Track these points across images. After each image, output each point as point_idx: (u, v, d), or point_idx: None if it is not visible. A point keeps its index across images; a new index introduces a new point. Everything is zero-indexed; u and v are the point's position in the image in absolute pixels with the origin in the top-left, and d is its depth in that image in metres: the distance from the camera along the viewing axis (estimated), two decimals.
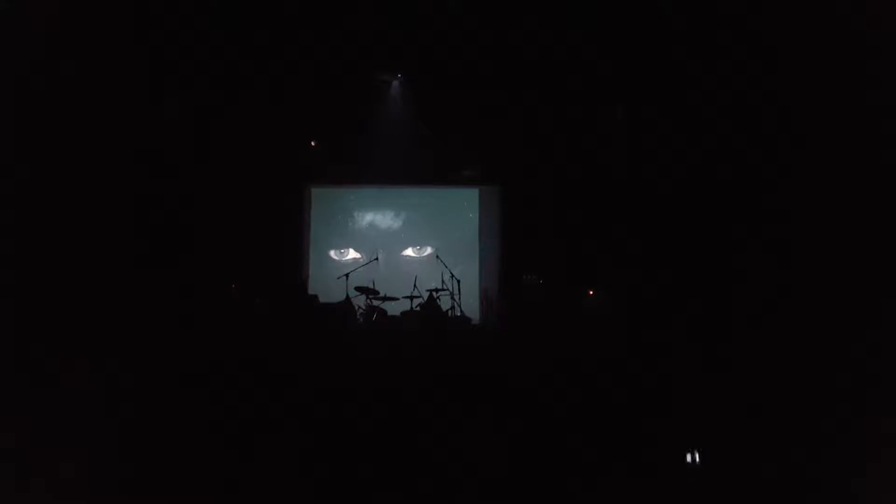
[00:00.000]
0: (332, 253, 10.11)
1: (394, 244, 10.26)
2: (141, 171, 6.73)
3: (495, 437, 4.67)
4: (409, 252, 10.21)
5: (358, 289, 8.93)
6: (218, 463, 4.04)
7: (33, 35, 5.04)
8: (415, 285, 8.98)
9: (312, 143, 9.46)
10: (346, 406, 5.06)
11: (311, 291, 9.16)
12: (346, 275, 9.05)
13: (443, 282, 9.16)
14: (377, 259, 9.64)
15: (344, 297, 8.88)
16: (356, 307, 8.92)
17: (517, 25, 7.74)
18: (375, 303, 8.94)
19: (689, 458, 4.37)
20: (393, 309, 8.98)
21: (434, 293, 8.88)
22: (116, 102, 6.27)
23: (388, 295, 9.01)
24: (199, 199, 7.89)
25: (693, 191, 6.78)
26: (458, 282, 9.15)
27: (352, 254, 10.09)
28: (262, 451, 4.20)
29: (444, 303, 9.00)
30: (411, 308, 8.86)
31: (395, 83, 9.20)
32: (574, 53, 7.95)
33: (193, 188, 7.80)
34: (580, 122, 8.56)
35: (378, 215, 10.42)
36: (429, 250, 10.08)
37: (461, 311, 9.12)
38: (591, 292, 8.56)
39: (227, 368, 5.64)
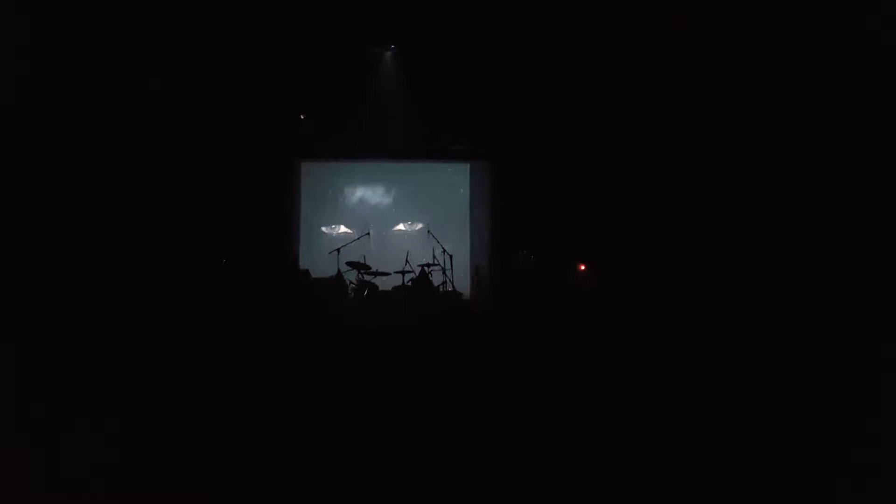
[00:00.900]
0: (324, 227, 10.07)
1: (385, 219, 10.22)
2: (126, 146, 6.61)
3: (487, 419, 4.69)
4: (401, 227, 10.20)
5: (349, 264, 8.90)
6: (216, 457, 4.01)
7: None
8: (406, 260, 8.97)
9: (301, 117, 9.32)
10: (344, 387, 5.06)
11: (301, 266, 9.12)
12: (338, 249, 9.01)
13: (434, 257, 9.16)
14: (369, 234, 9.59)
15: (335, 272, 8.86)
16: (347, 282, 8.91)
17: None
18: (367, 278, 8.92)
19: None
20: (384, 284, 8.98)
21: (426, 268, 8.88)
22: (98, 78, 6.12)
23: (379, 270, 9.00)
24: (187, 174, 7.76)
25: (689, 170, 6.79)
26: (451, 257, 9.15)
27: (343, 228, 10.04)
28: (258, 441, 4.17)
29: (436, 278, 9.01)
30: (403, 283, 8.86)
31: (388, 55, 9.04)
32: (568, 27, 7.86)
33: (181, 163, 7.65)
34: (574, 96, 8.48)
35: (369, 190, 10.36)
36: (419, 225, 10.07)
37: (453, 286, 9.15)
38: (582, 267, 8.62)
39: (222, 353, 5.61)
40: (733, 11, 5.84)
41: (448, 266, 9.12)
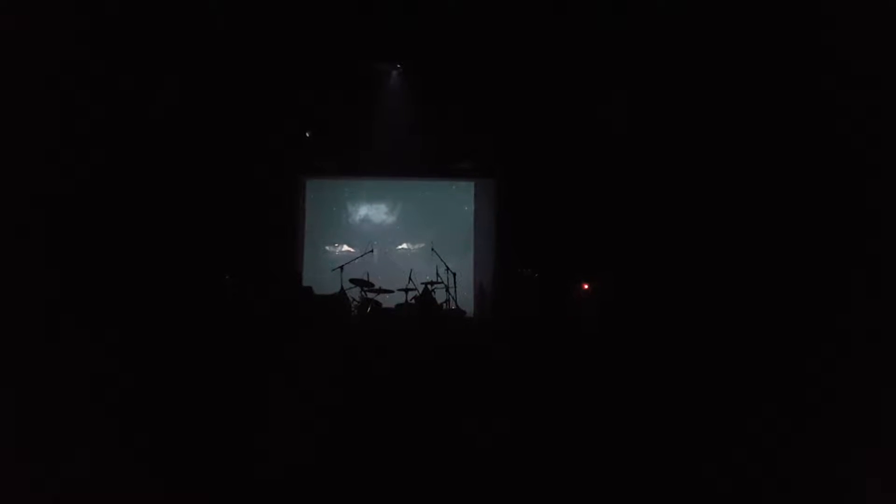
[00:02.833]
0: (327, 246, 10.11)
1: (389, 237, 10.25)
2: (132, 162, 6.64)
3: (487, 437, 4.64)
4: (405, 245, 10.23)
5: (353, 281, 8.89)
6: (217, 460, 3.99)
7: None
8: (410, 278, 8.95)
9: (307, 134, 9.36)
10: (346, 405, 5.03)
11: (305, 283, 9.10)
12: (341, 267, 9.01)
13: (437, 275, 9.14)
14: (372, 251, 9.60)
15: (338, 289, 8.84)
16: (350, 299, 8.88)
17: (516, 19, 7.69)
18: (370, 295, 8.89)
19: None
20: (388, 301, 8.95)
21: (429, 286, 8.85)
22: (109, 92, 6.17)
23: (382, 287, 8.97)
24: (191, 190, 7.77)
25: (691, 187, 6.78)
26: (454, 275, 9.13)
27: (346, 247, 10.09)
28: (260, 450, 4.15)
29: (439, 296, 8.97)
30: (406, 301, 8.83)
31: (394, 73, 9.10)
32: (572, 45, 7.92)
33: (186, 179, 7.67)
34: (578, 114, 8.50)
35: (373, 208, 10.41)
36: (423, 244, 10.08)
37: (456, 304, 9.10)
38: (586, 286, 8.56)
39: (223, 362, 5.60)
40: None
41: (452, 284, 9.09)
